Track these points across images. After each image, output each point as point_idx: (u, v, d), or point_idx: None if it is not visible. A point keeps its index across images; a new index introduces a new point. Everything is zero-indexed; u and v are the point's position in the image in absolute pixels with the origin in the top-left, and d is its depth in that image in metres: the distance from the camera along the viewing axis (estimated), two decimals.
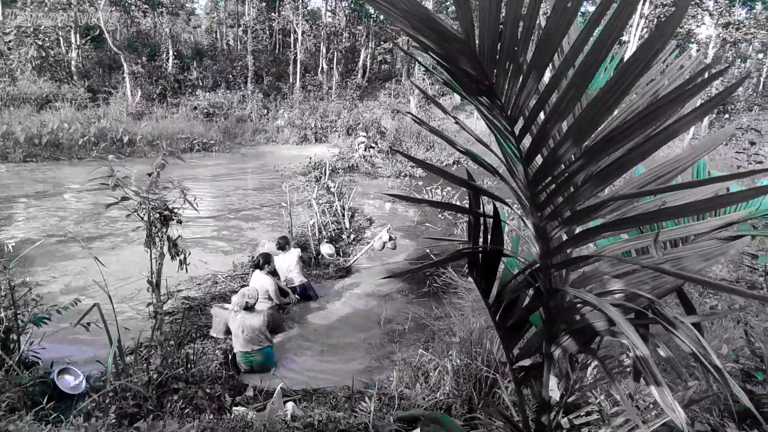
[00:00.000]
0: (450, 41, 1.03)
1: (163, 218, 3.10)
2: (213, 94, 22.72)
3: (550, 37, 1.03)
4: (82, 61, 22.20)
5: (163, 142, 16.09)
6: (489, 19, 1.01)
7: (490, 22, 1.01)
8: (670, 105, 1.05)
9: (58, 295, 5.55)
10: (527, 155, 1.26)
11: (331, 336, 5.49)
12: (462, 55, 1.06)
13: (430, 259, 7.99)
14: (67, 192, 10.30)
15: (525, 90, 1.13)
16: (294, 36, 25.93)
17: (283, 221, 9.10)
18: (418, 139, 21.60)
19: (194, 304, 5.34)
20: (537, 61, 1.08)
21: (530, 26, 1.03)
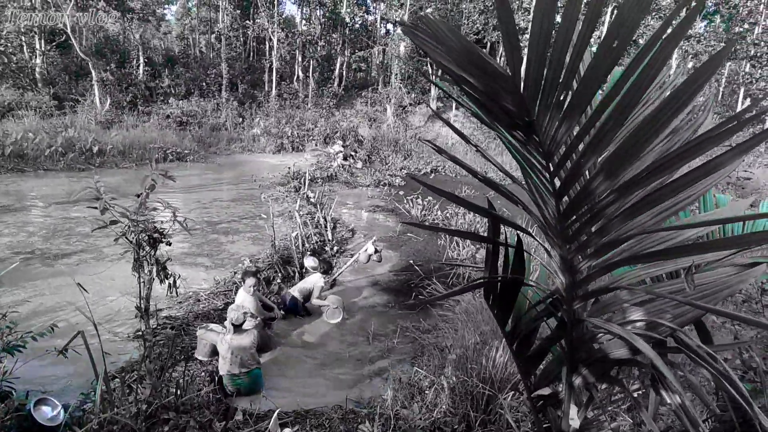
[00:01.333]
0: (496, 79, 1.00)
1: (152, 241, 2.96)
2: (186, 102, 22.24)
3: (593, 77, 1.02)
4: (47, 68, 21.39)
5: (134, 152, 15.63)
6: (535, 57, 0.99)
7: (536, 62, 0.99)
8: (702, 145, 1.05)
9: (31, 317, 5.26)
10: (560, 190, 1.24)
11: (320, 352, 5.38)
12: (505, 92, 1.04)
13: (414, 269, 7.97)
14: (34, 206, 9.84)
15: (564, 126, 1.12)
16: (269, 44, 25.70)
17: (264, 233, 8.93)
18: (395, 148, 21.66)
19: (176, 324, 5.15)
20: (579, 99, 1.06)
21: (574, 67, 1.01)
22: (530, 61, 0.99)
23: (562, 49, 0.98)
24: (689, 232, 1.55)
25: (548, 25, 0.93)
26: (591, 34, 0.96)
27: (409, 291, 7.23)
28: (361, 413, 3.96)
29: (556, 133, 1.13)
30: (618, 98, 1.06)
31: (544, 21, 0.92)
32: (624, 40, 0.97)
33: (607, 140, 1.13)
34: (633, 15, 0.93)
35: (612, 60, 0.99)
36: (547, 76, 1.02)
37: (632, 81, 1.02)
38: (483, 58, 0.96)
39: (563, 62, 1.01)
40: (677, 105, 1.04)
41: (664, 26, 0.94)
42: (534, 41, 0.96)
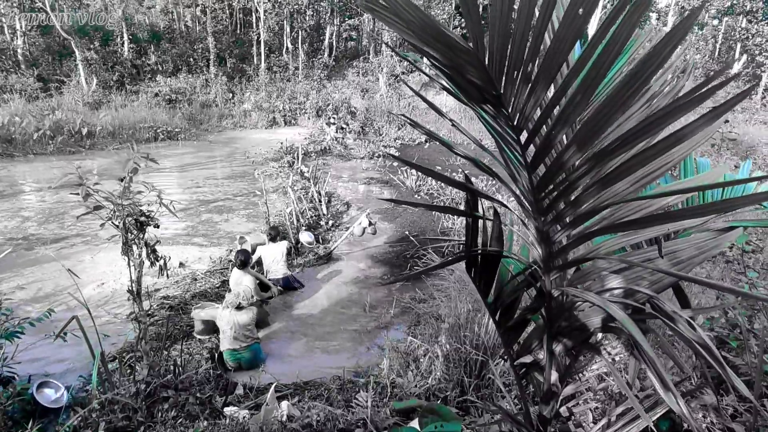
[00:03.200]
0: (458, 53, 0.98)
1: (139, 224, 2.96)
2: (174, 79, 21.78)
3: (559, 48, 1.00)
4: (29, 49, 20.86)
5: (124, 132, 15.42)
6: (499, 31, 0.96)
7: (499, 33, 0.97)
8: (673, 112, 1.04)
9: (28, 303, 5.31)
10: (532, 162, 1.24)
11: (317, 325, 5.47)
12: (470, 65, 1.02)
13: (409, 240, 8.02)
14: (26, 191, 9.79)
15: (532, 99, 1.10)
16: (256, 15, 24.99)
17: (258, 211, 8.93)
18: (389, 119, 21.40)
19: (174, 304, 5.21)
20: (545, 71, 1.04)
21: (539, 37, 0.99)
22: (493, 33, 0.97)
23: (527, 21, 0.95)
24: (668, 200, 1.56)
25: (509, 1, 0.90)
26: (553, 5, 0.93)
27: (405, 262, 7.30)
28: (359, 382, 4.06)
29: (525, 107, 1.12)
30: (585, 69, 1.04)
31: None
32: (589, 8, 0.95)
33: (578, 111, 1.12)
34: None
35: (577, 29, 0.97)
36: (511, 49, 1.00)
37: (599, 50, 1.00)
38: (443, 32, 0.94)
39: (527, 34, 0.98)
40: (645, 75, 1.02)
41: None
42: (496, 12, 0.94)
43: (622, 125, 1.31)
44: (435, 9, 24.36)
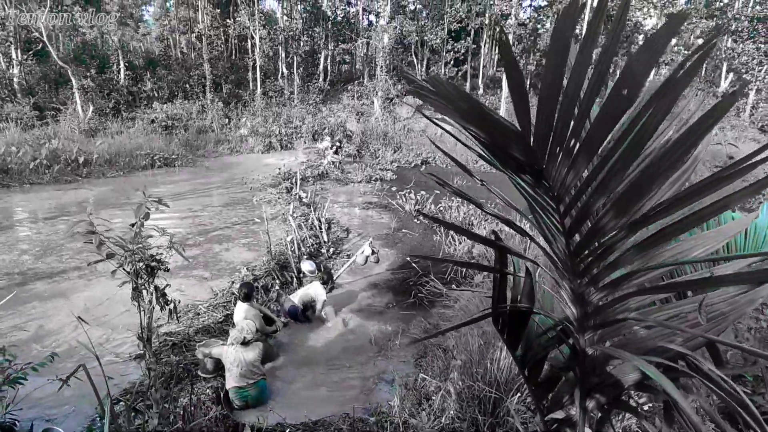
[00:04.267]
0: (505, 132, 0.99)
1: (150, 269, 2.92)
2: (170, 105, 21.89)
3: (602, 126, 1.01)
4: (25, 77, 20.95)
5: (121, 160, 15.40)
6: (545, 113, 0.97)
7: (545, 115, 0.98)
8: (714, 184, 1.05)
9: (31, 341, 5.20)
10: (570, 229, 1.24)
11: (323, 359, 5.39)
12: (515, 143, 1.02)
13: (412, 267, 7.98)
14: (23, 222, 9.69)
15: (572, 173, 1.10)
16: (251, 41, 25.35)
17: (258, 238, 8.88)
18: (385, 141, 21.56)
19: (177, 341, 5.11)
20: (587, 147, 1.05)
21: (583, 117, 1.00)
22: (540, 115, 0.97)
23: (571, 103, 0.96)
24: (699, 251, 1.55)
25: (558, 83, 0.91)
26: (600, 86, 0.94)
27: (408, 289, 7.24)
28: (369, 422, 3.97)
29: (565, 179, 1.12)
30: (625, 145, 1.05)
31: (554, 79, 0.90)
32: (633, 91, 0.95)
33: (617, 181, 1.13)
34: (642, 67, 0.92)
35: (620, 110, 0.98)
36: (555, 128, 1.01)
37: (637, 129, 1.01)
38: (491, 116, 0.95)
39: (572, 114, 0.99)
40: (683, 148, 1.04)
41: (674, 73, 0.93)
42: (544, 97, 0.95)
43: (660, 192, 1.32)
44: (429, 34, 24.83)
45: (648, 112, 1.00)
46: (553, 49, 0.84)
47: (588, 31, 0.82)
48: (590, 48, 0.85)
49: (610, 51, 0.86)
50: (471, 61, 28.22)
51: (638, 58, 0.91)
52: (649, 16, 25.90)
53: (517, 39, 24.62)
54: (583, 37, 0.84)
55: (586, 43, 0.84)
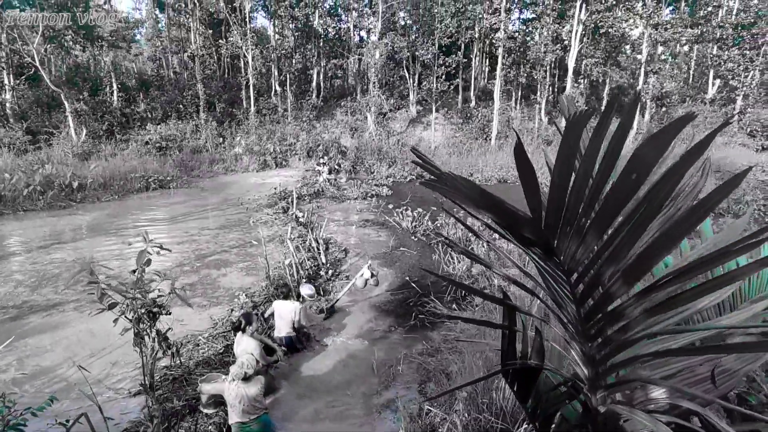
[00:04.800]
0: (518, 219, 1.00)
1: (151, 314, 2.89)
2: (164, 126, 21.89)
3: (611, 208, 1.02)
4: (17, 102, 20.92)
5: (116, 183, 15.34)
6: (556, 199, 0.98)
7: (557, 200, 0.98)
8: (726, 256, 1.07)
9: (29, 379, 5.11)
10: (580, 298, 1.24)
11: (324, 389, 5.33)
12: (527, 227, 1.03)
13: (411, 287, 7.97)
14: (17, 251, 9.60)
15: (582, 248, 1.11)
16: (243, 60, 25.51)
17: (256, 262, 8.85)
18: (379, 156, 21.67)
19: (177, 375, 5.05)
20: (597, 226, 1.06)
21: (593, 200, 1.01)
22: (552, 200, 0.98)
23: (581, 189, 0.97)
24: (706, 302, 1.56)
25: (567, 175, 0.92)
26: (607, 177, 0.95)
27: (409, 311, 7.22)
28: None
29: (576, 253, 1.13)
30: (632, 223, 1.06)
31: (564, 171, 0.91)
32: (641, 177, 0.97)
33: (626, 252, 1.14)
34: (650, 156, 0.93)
35: (629, 192, 0.99)
36: (566, 210, 1.01)
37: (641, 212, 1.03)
38: (504, 205, 0.96)
39: (582, 199, 1.00)
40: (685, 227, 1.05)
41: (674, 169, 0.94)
42: (555, 185, 0.96)
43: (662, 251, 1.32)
44: (420, 50, 25.08)
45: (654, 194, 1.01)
46: (564, 150, 0.85)
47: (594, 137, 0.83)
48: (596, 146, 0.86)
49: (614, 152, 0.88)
50: (462, 74, 28.51)
51: (647, 148, 0.92)
52: (635, 26, 26.31)
53: (507, 51, 24.91)
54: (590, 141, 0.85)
55: (591, 146, 0.85)
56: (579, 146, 0.90)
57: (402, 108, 28.13)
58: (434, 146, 24.52)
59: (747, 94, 26.68)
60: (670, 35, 25.07)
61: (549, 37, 24.68)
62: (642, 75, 26.46)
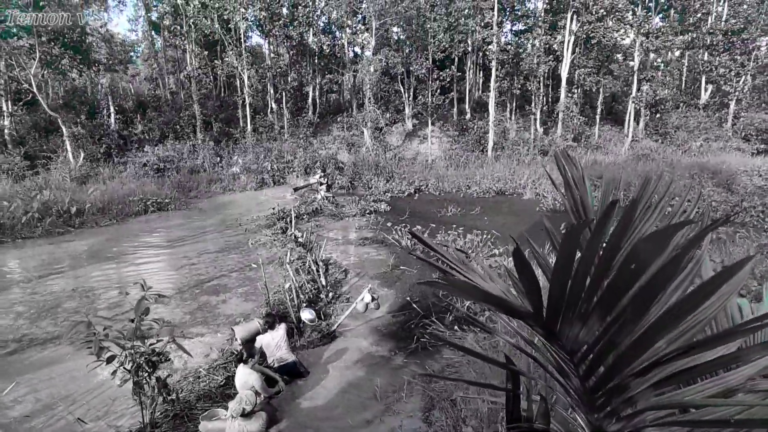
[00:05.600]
0: (521, 312, 0.99)
1: (151, 363, 2.86)
2: (161, 147, 21.99)
3: (610, 297, 1.01)
4: (15, 128, 21.00)
5: (114, 207, 15.33)
6: (558, 289, 0.97)
7: (558, 291, 0.98)
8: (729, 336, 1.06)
9: (27, 421, 5.04)
10: (585, 374, 1.22)
11: (328, 419, 5.26)
12: (528, 318, 1.02)
13: (412, 308, 7.92)
14: (16, 281, 9.55)
15: (584, 331, 1.10)
16: (239, 79, 25.70)
17: (255, 286, 8.81)
18: (377, 171, 21.73)
19: (178, 410, 4.98)
20: (599, 313, 1.05)
21: (592, 290, 1.00)
22: (553, 291, 0.98)
23: (580, 283, 0.96)
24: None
25: (568, 271, 0.91)
26: (607, 269, 0.94)
27: (411, 334, 7.16)
28: None
29: (578, 336, 1.12)
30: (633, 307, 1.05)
31: (564, 268, 0.91)
32: (640, 267, 0.96)
33: (626, 334, 1.13)
34: (649, 251, 0.92)
35: (628, 284, 0.99)
36: (567, 303, 1.00)
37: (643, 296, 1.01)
38: (507, 302, 0.95)
39: (582, 289, 0.99)
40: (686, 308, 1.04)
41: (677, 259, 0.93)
42: (556, 279, 0.95)
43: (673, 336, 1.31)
44: (414, 65, 25.31)
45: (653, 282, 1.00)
46: (561, 258, 0.85)
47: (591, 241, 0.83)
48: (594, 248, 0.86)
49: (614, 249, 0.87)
50: (457, 86, 28.73)
51: (646, 244, 0.91)
52: (626, 36, 26.62)
53: (500, 63, 25.15)
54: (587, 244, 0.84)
55: (589, 249, 0.84)
56: (576, 251, 0.89)
57: (398, 122, 28.31)
58: (431, 159, 24.63)
59: (740, 99, 26.89)
60: (660, 43, 25.34)
61: (541, 49, 24.93)
62: (635, 83, 26.70)
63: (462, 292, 0.94)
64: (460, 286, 0.90)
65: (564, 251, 0.86)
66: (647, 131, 28.09)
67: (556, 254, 0.91)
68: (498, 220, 14.51)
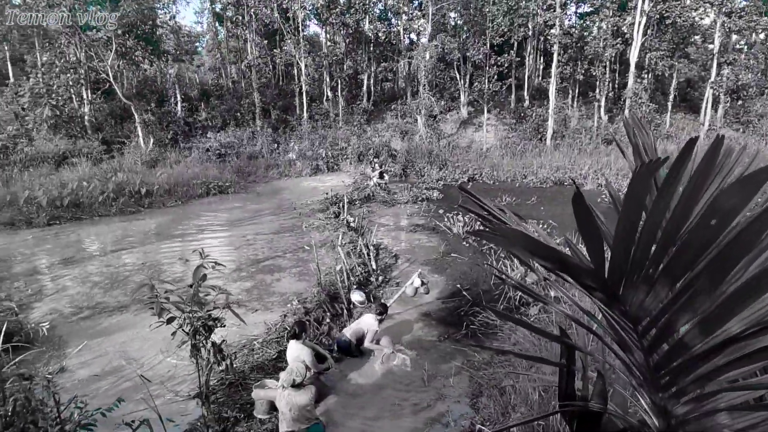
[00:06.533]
0: (579, 270, 0.91)
1: (207, 327, 3.01)
2: (223, 133, 22.98)
3: (686, 254, 0.91)
4: (94, 115, 22.69)
5: (179, 189, 16.25)
6: (623, 245, 0.89)
7: (624, 247, 0.89)
8: None
9: (97, 380, 5.49)
10: (649, 347, 1.12)
11: (375, 398, 5.32)
12: (589, 277, 0.94)
13: (462, 295, 7.81)
14: (94, 254, 10.38)
15: (652, 296, 1.00)
16: (297, 68, 26.24)
17: (308, 267, 9.02)
18: (430, 159, 21.51)
19: (234, 380, 5.22)
20: (670, 274, 0.95)
21: (664, 247, 0.90)
22: (617, 247, 0.89)
23: (650, 233, 0.87)
24: None
25: (636, 221, 0.83)
26: (684, 222, 0.85)
27: (460, 320, 7.07)
28: None
29: (644, 302, 1.02)
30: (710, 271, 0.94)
31: (632, 217, 0.82)
32: (722, 223, 0.85)
33: (701, 303, 1.01)
34: (733, 202, 0.82)
35: (707, 240, 0.88)
36: (633, 258, 0.91)
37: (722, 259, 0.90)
38: (562, 255, 0.87)
39: (651, 245, 0.90)
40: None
41: None
42: (621, 230, 0.86)
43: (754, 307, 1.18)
44: (471, 50, 24.65)
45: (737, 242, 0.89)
46: (630, 204, 0.76)
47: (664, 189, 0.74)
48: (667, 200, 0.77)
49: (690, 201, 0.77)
50: (515, 72, 27.73)
51: (729, 194, 0.81)
52: (706, 15, 24.46)
53: (562, 48, 23.97)
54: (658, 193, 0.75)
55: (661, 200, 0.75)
56: (646, 197, 0.80)
57: (453, 110, 27.80)
58: (486, 148, 24.03)
59: None
60: (744, 23, 23.08)
61: (609, 31, 23.48)
62: (714, 67, 24.54)
63: (514, 244, 0.87)
64: (514, 234, 0.84)
65: (632, 196, 0.77)
66: (726, 120, 25.81)
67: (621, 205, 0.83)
68: (555, 211, 13.93)
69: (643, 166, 0.72)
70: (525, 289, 1.37)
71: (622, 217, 0.83)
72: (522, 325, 1.34)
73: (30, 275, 9.05)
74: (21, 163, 17.27)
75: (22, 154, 17.84)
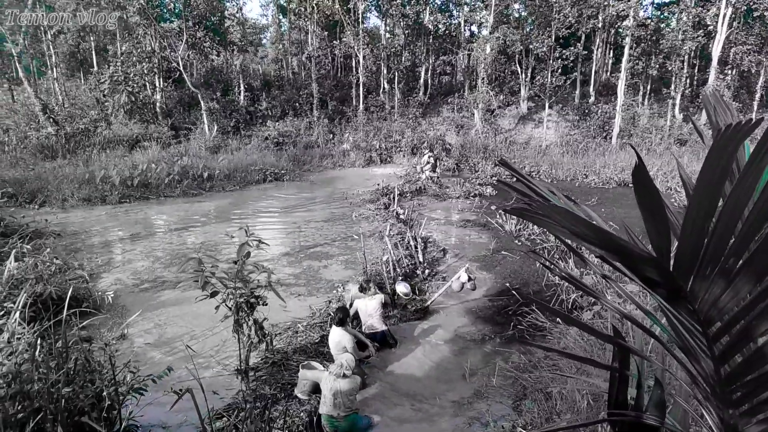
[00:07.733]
0: (637, 258, 0.79)
1: (249, 305, 3.06)
2: (282, 123, 23.63)
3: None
4: (165, 102, 24.06)
5: (238, 175, 16.93)
6: (694, 233, 0.75)
7: (694, 235, 0.76)
8: None
9: (152, 348, 5.81)
10: (721, 355, 0.97)
11: (415, 391, 5.25)
12: (650, 267, 0.81)
13: (510, 294, 7.54)
14: (158, 232, 11.02)
15: (729, 295, 0.86)
16: (355, 59, 26.43)
17: (355, 256, 9.08)
18: (485, 154, 21.01)
19: (277, 359, 5.34)
20: (754, 269, 0.80)
21: (747, 236, 0.76)
22: (686, 234, 0.76)
23: (729, 222, 0.73)
24: None
25: (713, 204, 0.70)
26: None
27: (508, 320, 6.84)
28: None
29: (718, 301, 0.88)
30: None
31: (707, 199, 0.69)
32: None
33: None
34: None
35: None
36: (707, 247, 0.78)
37: None
38: (623, 244, 0.75)
39: (731, 233, 0.76)
40: None
41: None
42: (691, 216, 0.73)
43: None
44: (534, 42, 23.73)
45: None
46: (707, 175, 0.63)
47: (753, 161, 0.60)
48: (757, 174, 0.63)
49: None
50: (582, 67, 26.39)
51: None
52: None
53: (635, 41, 22.50)
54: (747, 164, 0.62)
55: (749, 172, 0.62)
56: (730, 170, 0.66)
57: (512, 104, 26.95)
58: (545, 145, 23.10)
59: None
60: None
61: (689, 23, 21.75)
62: None
63: (561, 224, 0.77)
64: (560, 213, 0.73)
65: (709, 169, 0.64)
66: None
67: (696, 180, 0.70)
68: (617, 213, 13.13)
69: (727, 128, 0.59)
70: (575, 281, 1.25)
71: (695, 197, 0.70)
72: (572, 323, 1.22)
73: (103, 247, 9.76)
74: (99, 145, 18.66)
75: (100, 137, 19.28)
